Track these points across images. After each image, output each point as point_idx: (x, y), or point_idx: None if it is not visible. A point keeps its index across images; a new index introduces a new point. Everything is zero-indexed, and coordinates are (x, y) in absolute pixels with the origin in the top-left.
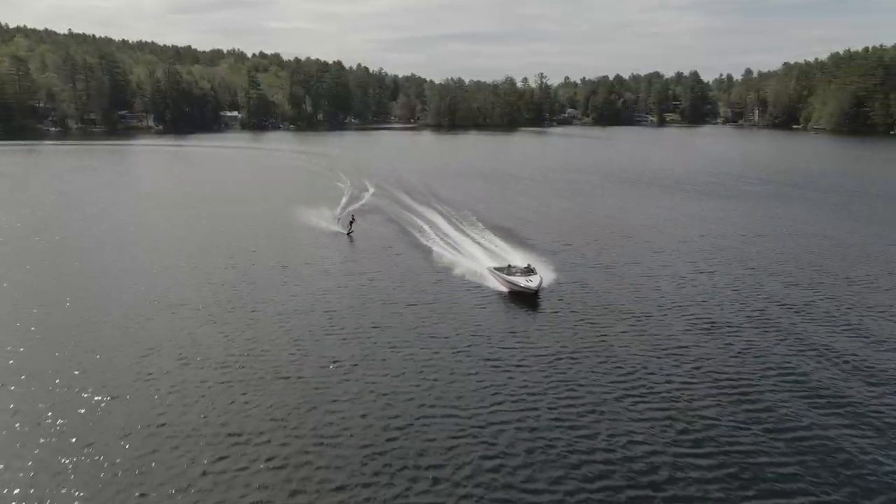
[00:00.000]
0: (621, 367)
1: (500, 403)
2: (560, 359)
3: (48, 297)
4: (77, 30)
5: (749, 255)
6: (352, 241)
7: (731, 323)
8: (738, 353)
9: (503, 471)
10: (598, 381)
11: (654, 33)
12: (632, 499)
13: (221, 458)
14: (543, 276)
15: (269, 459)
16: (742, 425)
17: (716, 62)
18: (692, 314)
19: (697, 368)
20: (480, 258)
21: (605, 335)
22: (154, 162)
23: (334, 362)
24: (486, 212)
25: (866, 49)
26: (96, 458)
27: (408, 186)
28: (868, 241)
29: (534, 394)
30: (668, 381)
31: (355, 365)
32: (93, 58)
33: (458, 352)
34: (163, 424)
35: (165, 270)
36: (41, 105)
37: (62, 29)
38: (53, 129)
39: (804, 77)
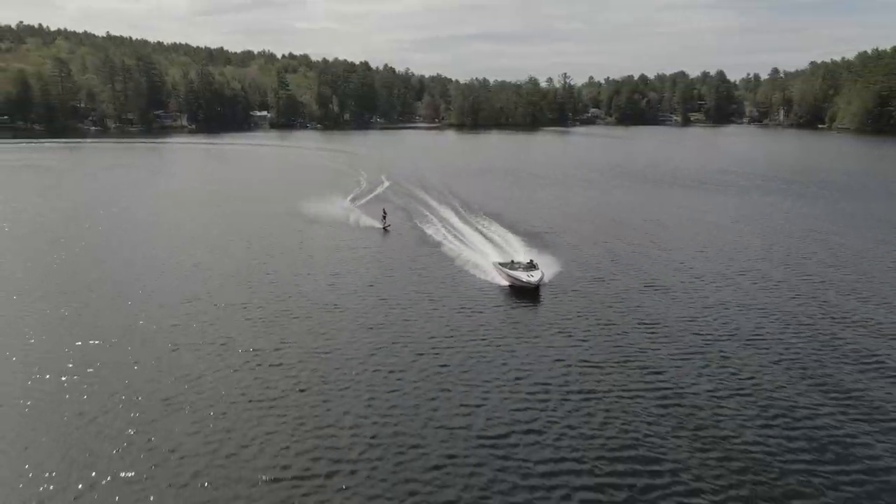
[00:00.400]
0: (605, 363)
1: (463, 346)
2: (542, 347)
3: (106, 266)
4: (109, 32)
5: (759, 252)
6: (387, 232)
7: (730, 318)
8: (741, 345)
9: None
10: (585, 373)
11: (679, 32)
12: (630, 490)
13: (246, 362)
14: (546, 272)
15: (279, 366)
16: (747, 418)
17: (743, 61)
18: (692, 308)
19: (697, 363)
20: (487, 252)
21: (599, 330)
22: (188, 159)
23: (335, 307)
24: (500, 209)
25: (895, 48)
26: (154, 363)
27: (428, 185)
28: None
29: (498, 352)
30: (667, 375)
31: (354, 309)
32: (131, 59)
33: (439, 319)
34: (202, 342)
35: (201, 247)
36: (82, 105)
37: (101, 31)
38: (93, 128)
39: (830, 76)
